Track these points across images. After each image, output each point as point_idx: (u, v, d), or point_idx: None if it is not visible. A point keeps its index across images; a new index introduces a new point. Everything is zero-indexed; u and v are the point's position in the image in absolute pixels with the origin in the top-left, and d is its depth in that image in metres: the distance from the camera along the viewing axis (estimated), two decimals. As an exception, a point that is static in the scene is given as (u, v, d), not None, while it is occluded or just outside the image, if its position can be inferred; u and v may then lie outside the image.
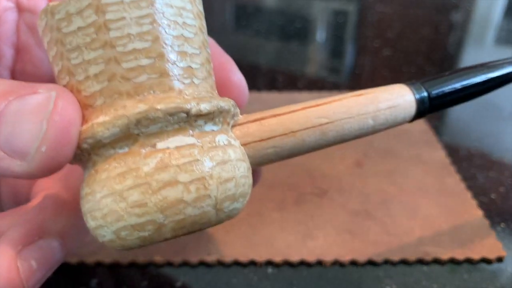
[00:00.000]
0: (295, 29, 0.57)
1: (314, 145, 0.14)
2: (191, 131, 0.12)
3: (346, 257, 0.22)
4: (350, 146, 0.30)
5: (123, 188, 0.11)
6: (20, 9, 0.16)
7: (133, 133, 0.11)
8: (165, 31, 0.11)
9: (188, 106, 0.11)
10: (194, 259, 0.22)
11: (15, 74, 0.17)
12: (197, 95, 0.12)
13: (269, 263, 0.22)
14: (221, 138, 0.12)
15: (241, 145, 0.13)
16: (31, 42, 0.17)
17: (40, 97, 0.11)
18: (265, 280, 0.21)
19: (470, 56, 0.49)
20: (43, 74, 0.17)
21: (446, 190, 0.26)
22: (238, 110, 0.14)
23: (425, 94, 0.16)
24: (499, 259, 0.22)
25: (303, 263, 0.22)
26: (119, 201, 0.11)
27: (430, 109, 0.16)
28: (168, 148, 0.11)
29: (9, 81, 0.12)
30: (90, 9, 0.11)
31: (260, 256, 0.22)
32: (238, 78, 0.15)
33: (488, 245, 0.22)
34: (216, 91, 0.13)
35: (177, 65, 0.12)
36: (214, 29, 0.59)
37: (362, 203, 0.25)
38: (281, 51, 0.50)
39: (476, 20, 0.61)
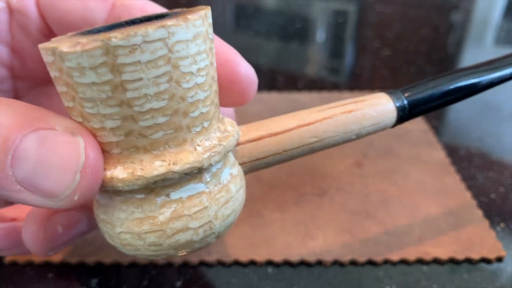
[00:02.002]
0: (295, 29, 0.57)
1: (299, 156, 0.16)
2: (200, 178, 0.13)
3: (346, 257, 0.22)
4: (350, 146, 0.30)
5: (141, 231, 0.12)
6: (10, 9, 0.16)
7: (150, 187, 0.12)
8: (181, 86, 0.11)
9: (200, 164, 0.12)
10: (194, 259, 0.22)
11: (14, 71, 0.17)
12: (208, 145, 0.12)
13: (269, 263, 0.22)
14: (225, 175, 0.13)
15: (239, 164, 0.15)
16: (26, 41, 0.16)
17: (66, 142, 0.11)
18: (265, 280, 0.21)
19: (469, 56, 0.49)
20: (42, 71, 0.17)
21: (446, 190, 0.26)
22: (240, 133, 0.15)
23: (405, 103, 0.17)
24: (499, 259, 0.22)
25: (303, 263, 0.22)
26: (137, 239, 0.12)
27: (408, 117, 0.18)
28: (181, 198, 0.12)
29: (13, 108, 0.11)
30: (105, 67, 0.10)
31: (260, 256, 0.22)
32: (245, 69, 0.15)
33: (488, 245, 0.22)
34: (221, 114, 0.14)
35: (190, 117, 0.12)
36: (214, 29, 0.59)
37: (362, 203, 0.25)
38: (281, 51, 0.50)
39: (475, 20, 0.61)
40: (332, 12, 0.64)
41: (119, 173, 0.12)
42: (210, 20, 0.12)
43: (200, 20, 0.12)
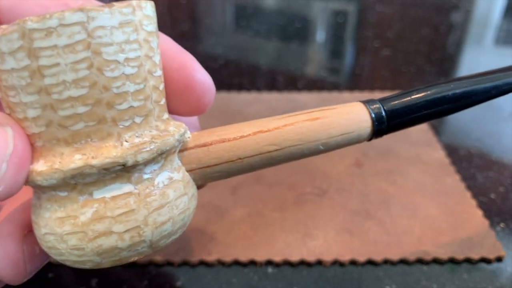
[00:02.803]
0: (295, 29, 0.57)
1: (260, 167, 0.15)
2: (128, 177, 0.12)
3: (346, 257, 0.22)
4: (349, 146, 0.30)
5: (62, 232, 0.12)
6: None
7: (70, 183, 0.11)
8: (104, 75, 0.11)
9: (123, 160, 0.11)
10: (194, 259, 0.22)
11: None
12: (137, 141, 0.12)
13: (269, 263, 0.22)
14: (162, 178, 0.13)
15: (187, 171, 0.14)
16: None
17: None
18: (265, 280, 0.21)
19: (469, 57, 0.49)
20: None
21: (446, 190, 0.26)
22: (187, 134, 0.14)
23: (383, 113, 0.15)
24: (499, 259, 0.22)
25: (303, 263, 0.22)
26: (60, 242, 0.12)
27: (388, 129, 0.16)
28: (104, 197, 0.12)
29: None
30: (23, 51, 0.10)
31: (260, 256, 0.22)
32: (201, 75, 0.14)
33: (488, 245, 0.22)
34: (167, 114, 0.13)
35: (116, 109, 0.11)
36: (214, 29, 0.59)
37: (361, 203, 0.25)
38: (281, 51, 0.50)
39: (475, 20, 0.61)
40: (332, 12, 0.64)
41: (39, 166, 0.11)
42: (147, 12, 0.12)
43: (130, 8, 0.11)
